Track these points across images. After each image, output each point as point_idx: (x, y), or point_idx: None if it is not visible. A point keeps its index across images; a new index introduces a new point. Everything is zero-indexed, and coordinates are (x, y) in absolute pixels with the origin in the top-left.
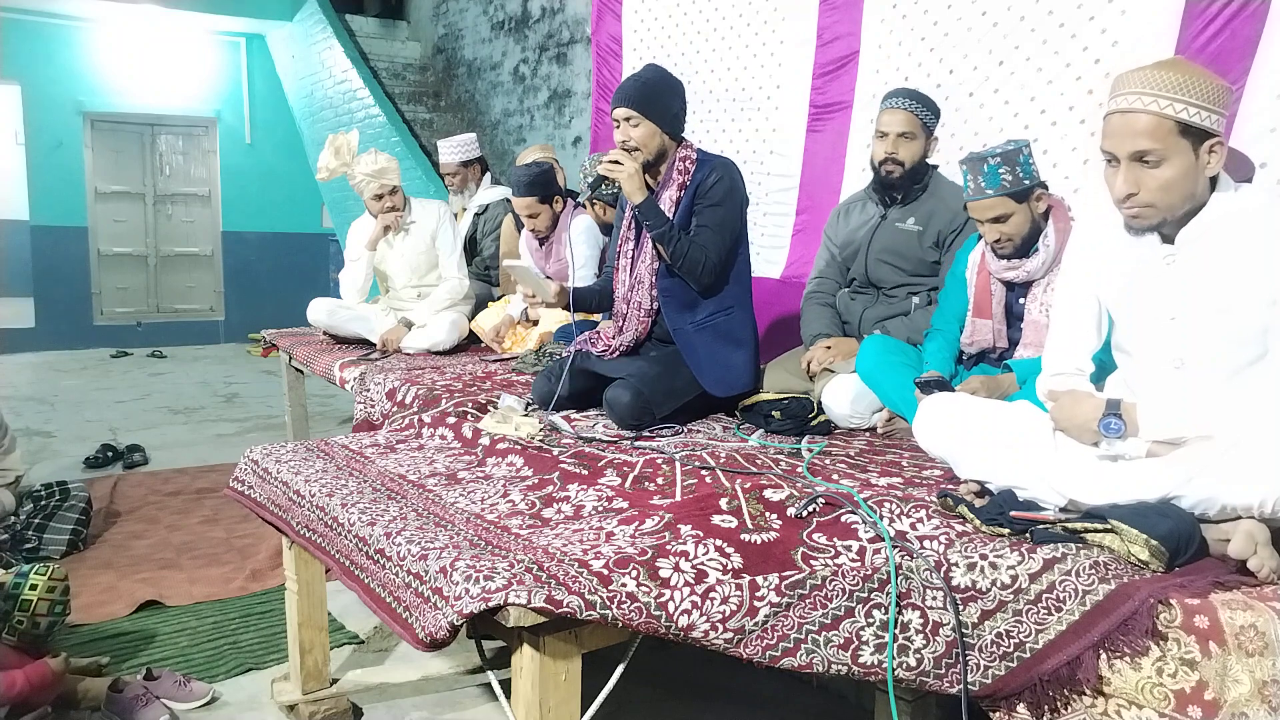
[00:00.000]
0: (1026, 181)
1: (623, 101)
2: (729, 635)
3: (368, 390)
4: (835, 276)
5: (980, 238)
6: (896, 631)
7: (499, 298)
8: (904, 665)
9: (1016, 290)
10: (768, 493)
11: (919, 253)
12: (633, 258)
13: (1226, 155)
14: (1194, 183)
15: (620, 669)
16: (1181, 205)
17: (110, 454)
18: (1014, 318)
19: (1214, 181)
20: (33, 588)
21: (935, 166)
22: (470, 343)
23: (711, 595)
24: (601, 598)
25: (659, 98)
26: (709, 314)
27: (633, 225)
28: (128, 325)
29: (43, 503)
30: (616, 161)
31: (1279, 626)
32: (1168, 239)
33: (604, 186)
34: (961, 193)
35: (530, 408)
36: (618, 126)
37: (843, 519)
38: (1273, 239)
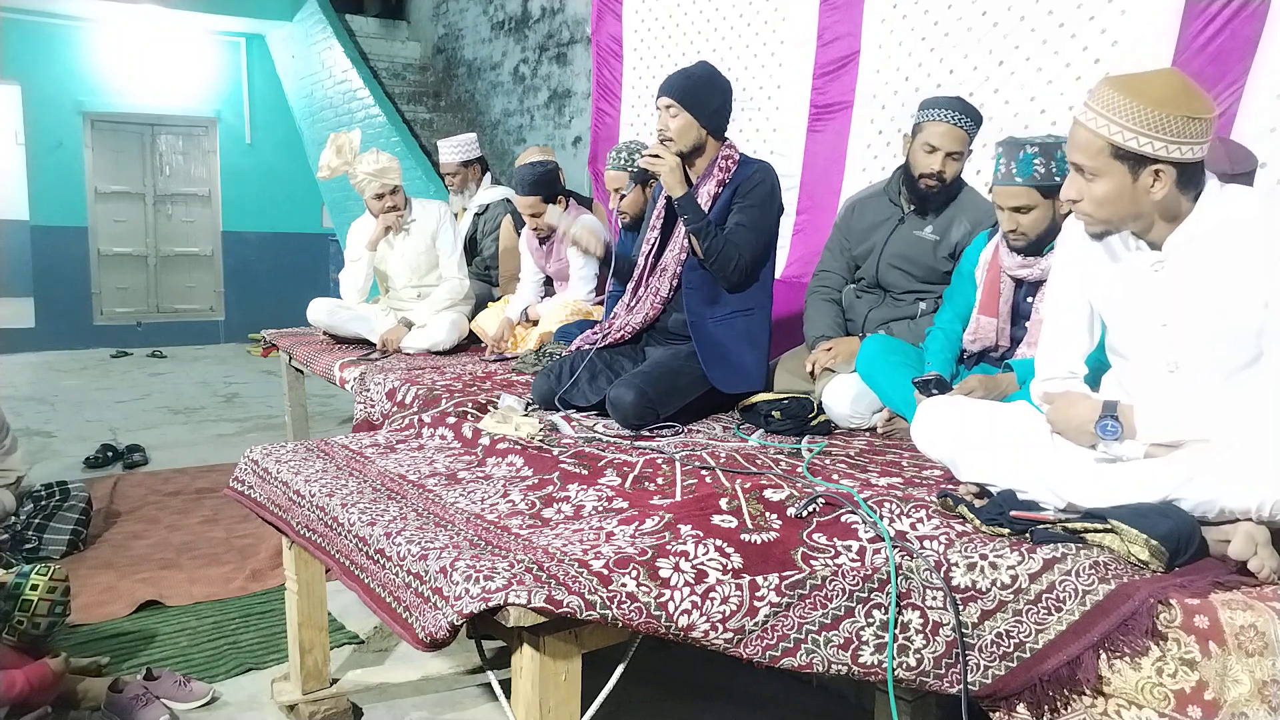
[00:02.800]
0: (1058, 179)
1: (665, 91)
2: (729, 635)
3: (368, 390)
4: (842, 272)
5: (990, 236)
6: (896, 631)
7: (499, 298)
8: (904, 665)
9: (1026, 289)
10: (768, 493)
11: (933, 261)
12: (659, 246)
13: (1232, 148)
14: (1134, 204)
15: (620, 669)
16: (1125, 221)
17: (110, 454)
18: (1019, 316)
19: (1199, 188)
20: (33, 588)
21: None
22: (470, 343)
23: (711, 595)
24: (601, 598)
25: (700, 92)
26: (730, 311)
27: (662, 214)
28: (128, 325)
29: (43, 503)
30: (657, 155)
31: (1279, 626)
32: (1155, 246)
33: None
34: (984, 206)
35: (530, 407)
36: (660, 114)
37: (843, 519)
38: (1267, 241)
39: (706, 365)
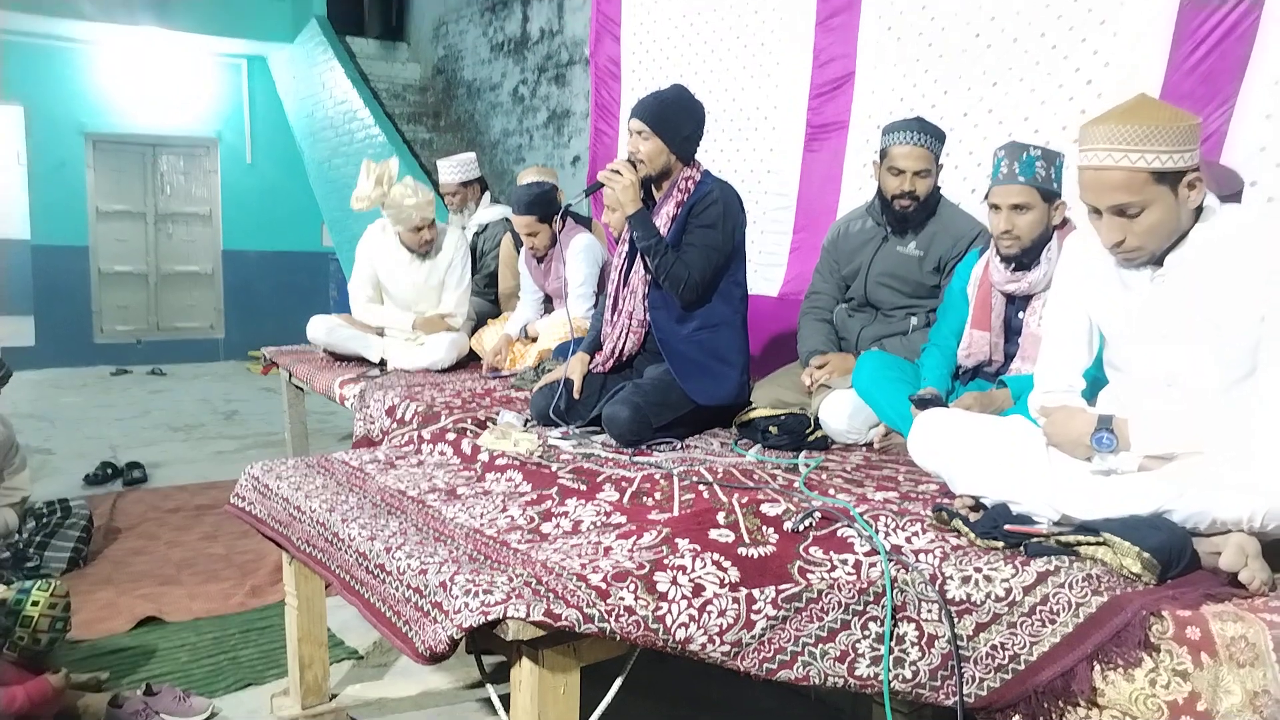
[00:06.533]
0: (1055, 185)
1: (638, 114)
2: (726, 648)
3: (368, 407)
4: (833, 292)
5: (980, 254)
6: (892, 644)
7: (499, 315)
8: (900, 677)
9: (1016, 304)
10: (765, 507)
11: (919, 276)
12: (627, 268)
13: (1218, 171)
14: (1177, 219)
15: (619, 682)
16: (1170, 239)
17: (110, 471)
18: (1011, 332)
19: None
20: (34, 604)
21: (939, 189)
22: (470, 359)
23: (709, 608)
24: (600, 611)
25: (672, 118)
26: (695, 328)
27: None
28: (128, 343)
29: (44, 520)
30: (617, 171)
31: (1269, 637)
32: (1157, 261)
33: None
34: (962, 219)
35: (529, 424)
36: (631, 136)
37: (839, 533)
38: (1262, 256)
39: (680, 379)
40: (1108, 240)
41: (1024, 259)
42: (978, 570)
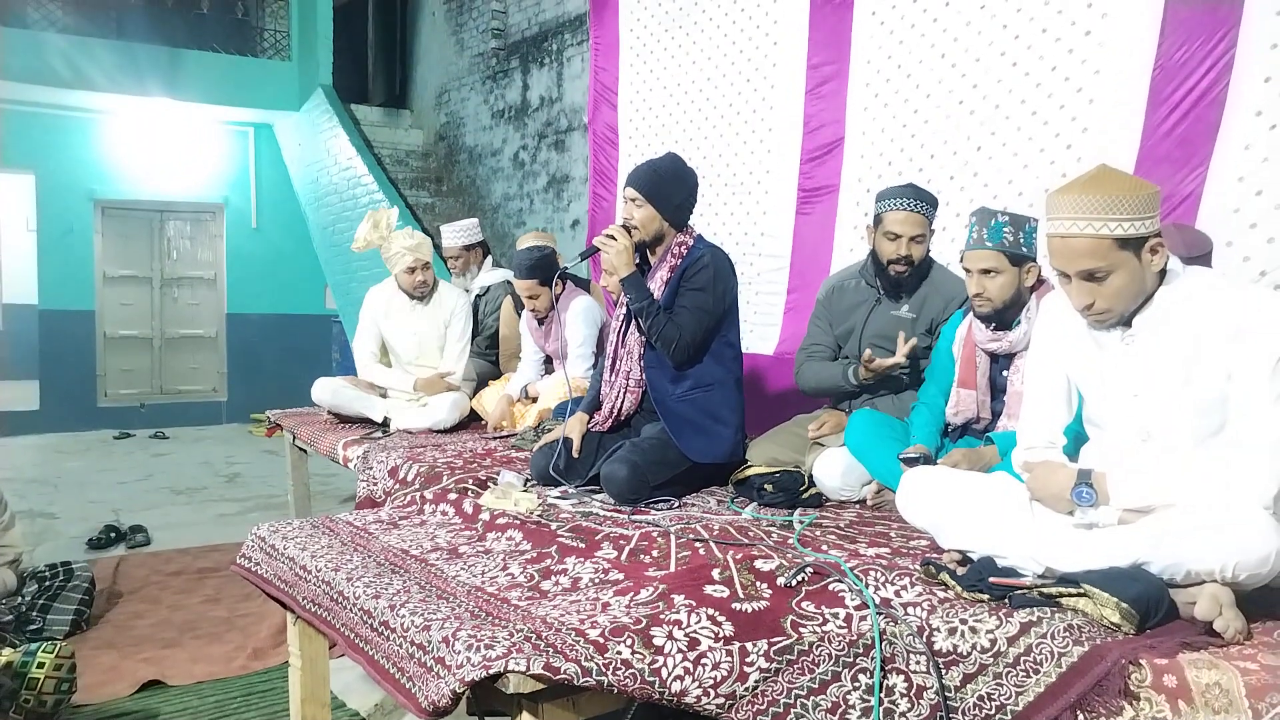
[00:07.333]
0: (1024, 249)
1: (632, 182)
2: (720, 700)
3: (371, 468)
4: (829, 343)
5: (964, 314)
6: (882, 695)
7: (500, 376)
8: None
9: (1000, 362)
10: (759, 563)
11: (911, 337)
12: (624, 329)
13: (1188, 234)
14: (1142, 281)
15: None
16: (1136, 300)
17: (113, 535)
18: (997, 390)
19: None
20: (40, 666)
21: (929, 252)
22: (472, 420)
23: (703, 661)
24: (598, 664)
25: (665, 187)
26: (689, 388)
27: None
28: (131, 407)
29: (47, 583)
30: (612, 236)
31: (1241, 684)
32: (1125, 322)
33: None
34: (954, 281)
35: (529, 483)
36: (626, 203)
37: (830, 587)
38: (1225, 316)
39: (676, 437)
40: (1078, 303)
41: (1002, 319)
42: (963, 622)
